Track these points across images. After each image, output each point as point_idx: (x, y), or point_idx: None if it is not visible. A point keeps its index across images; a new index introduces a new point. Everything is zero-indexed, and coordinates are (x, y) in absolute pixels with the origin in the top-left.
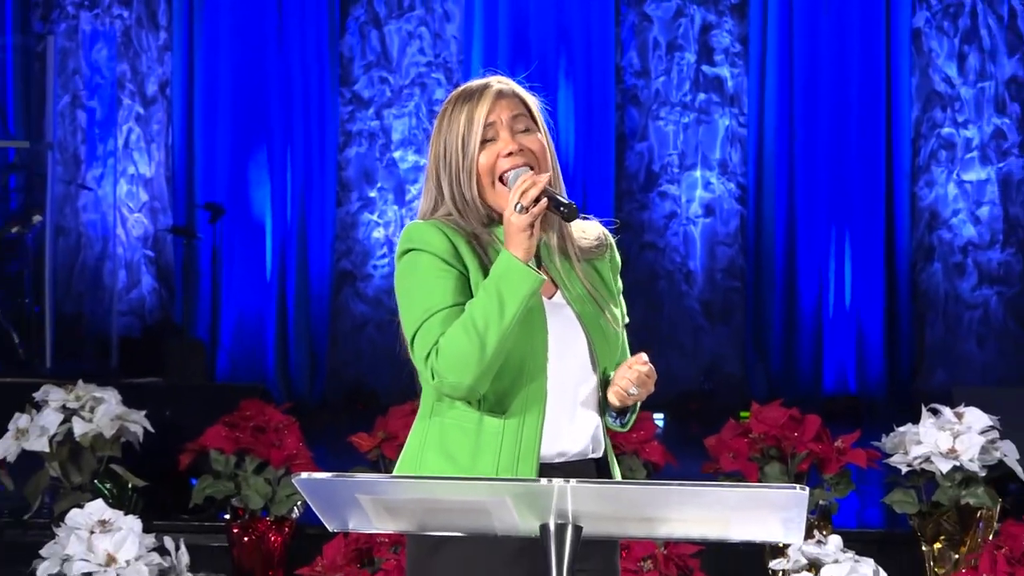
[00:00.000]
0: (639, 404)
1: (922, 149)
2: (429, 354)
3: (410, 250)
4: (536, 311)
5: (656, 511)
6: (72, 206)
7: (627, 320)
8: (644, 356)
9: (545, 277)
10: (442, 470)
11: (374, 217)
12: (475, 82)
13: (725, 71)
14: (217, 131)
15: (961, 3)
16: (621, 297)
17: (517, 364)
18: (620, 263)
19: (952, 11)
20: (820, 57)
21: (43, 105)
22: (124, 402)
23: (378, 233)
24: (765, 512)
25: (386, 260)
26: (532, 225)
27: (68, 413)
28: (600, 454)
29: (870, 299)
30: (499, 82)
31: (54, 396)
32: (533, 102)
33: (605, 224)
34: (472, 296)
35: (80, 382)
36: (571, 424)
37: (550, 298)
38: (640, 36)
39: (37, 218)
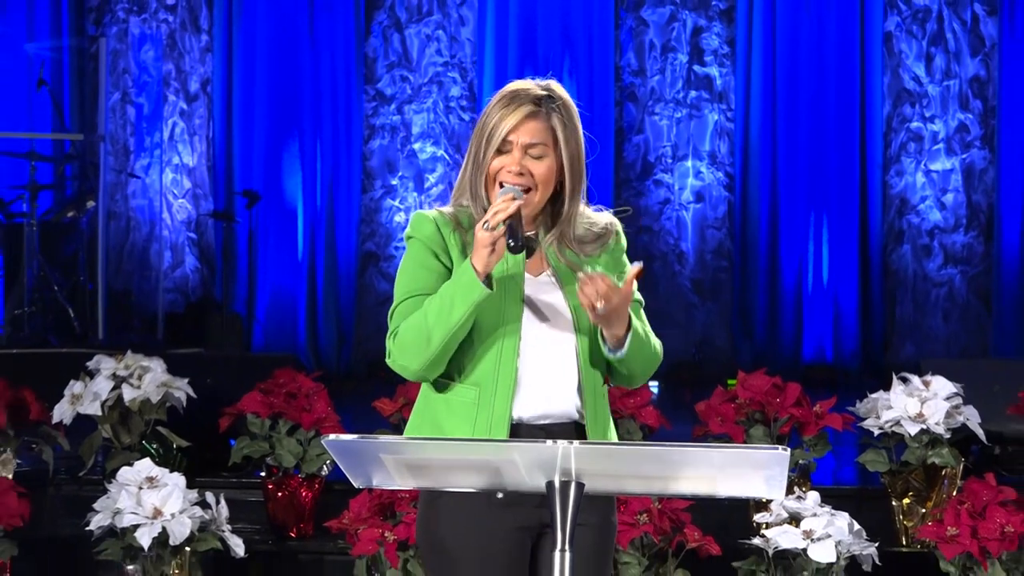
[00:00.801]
0: (634, 334)
1: (893, 141)
2: (390, 335)
3: (408, 237)
4: (511, 292)
5: (651, 470)
6: (122, 193)
7: (642, 301)
8: (633, 268)
9: (489, 291)
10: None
11: (396, 203)
12: (526, 89)
13: (714, 71)
14: (254, 125)
15: (928, 8)
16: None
17: (490, 342)
18: (625, 246)
19: (920, 16)
20: (800, 58)
21: (96, 101)
22: (169, 370)
23: (399, 217)
24: (750, 470)
25: None
26: (493, 244)
27: (118, 380)
28: (583, 420)
29: (845, 278)
30: (539, 98)
31: (106, 365)
32: (563, 121)
33: (618, 212)
34: None
35: (129, 352)
36: (549, 392)
37: (536, 276)
38: (637, 38)
39: (90, 204)
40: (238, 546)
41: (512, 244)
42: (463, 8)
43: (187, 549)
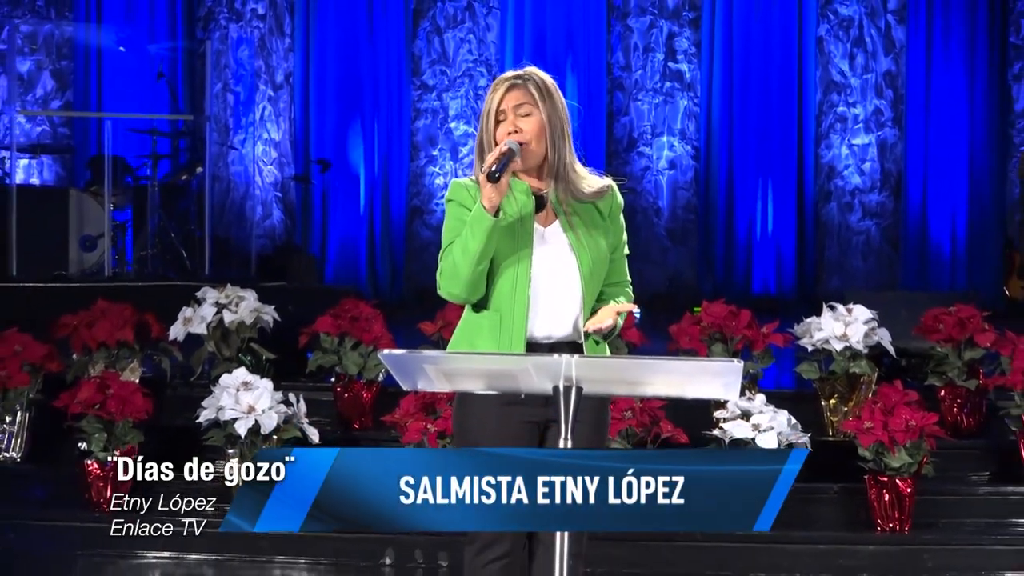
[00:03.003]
0: (615, 330)
1: (823, 122)
2: (438, 272)
3: (448, 200)
4: (524, 238)
5: (634, 377)
6: (223, 161)
7: (627, 251)
8: (626, 309)
9: (494, 219)
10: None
11: (436, 170)
12: (505, 73)
13: (684, 66)
14: (326, 108)
15: (852, 18)
16: (624, 233)
17: (508, 277)
18: (622, 204)
19: (845, 24)
20: (752, 57)
21: (203, 90)
22: (260, 299)
23: (439, 180)
24: (711, 377)
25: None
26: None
27: (220, 307)
28: (581, 339)
29: (786, 228)
30: (517, 76)
31: (210, 295)
32: (539, 88)
33: (616, 178)
34: None
35: (229, 285)
36: (555, 317)
37: (546, 227)
38: (624, 41)
39: (199, 169)
40: (313, 435)
41: (491, 173)
42: (489, 18)
43: (274, 437)
